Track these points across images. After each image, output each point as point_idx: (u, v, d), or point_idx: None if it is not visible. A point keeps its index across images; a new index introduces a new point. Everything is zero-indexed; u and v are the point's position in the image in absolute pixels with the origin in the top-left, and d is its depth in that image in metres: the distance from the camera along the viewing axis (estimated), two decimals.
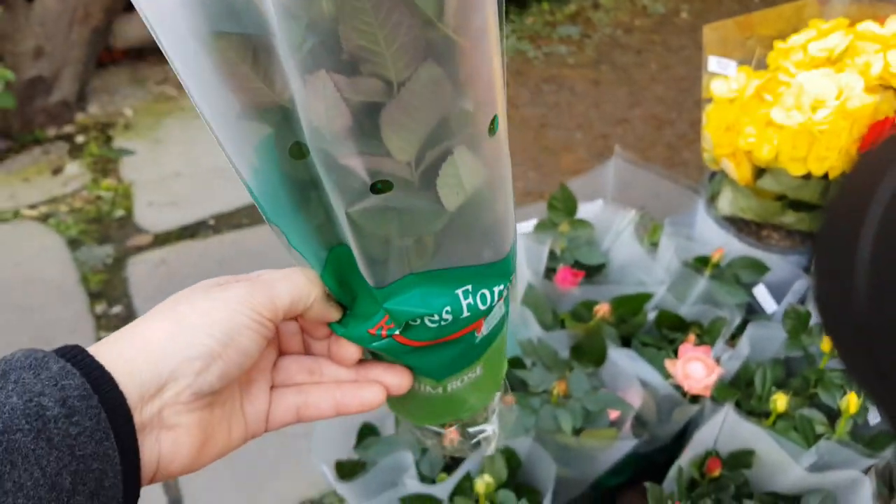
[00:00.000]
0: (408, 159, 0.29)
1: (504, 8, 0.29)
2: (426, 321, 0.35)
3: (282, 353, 0.39)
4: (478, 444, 0.44)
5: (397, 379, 0.38)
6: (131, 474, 0.30)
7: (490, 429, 0.44)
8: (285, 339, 0.39)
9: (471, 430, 0.44)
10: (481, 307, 0.35)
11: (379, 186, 0.30)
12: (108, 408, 0.29)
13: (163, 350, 0.31)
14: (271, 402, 0.37)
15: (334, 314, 0.37)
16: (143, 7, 0.28)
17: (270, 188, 0.32)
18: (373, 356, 0.39)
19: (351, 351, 0.38)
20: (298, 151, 0.31)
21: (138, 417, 0.30)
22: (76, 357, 0.30)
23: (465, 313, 0.35)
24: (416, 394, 0.40)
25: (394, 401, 0.42)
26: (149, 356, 0.31)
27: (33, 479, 0.27)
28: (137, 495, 0.31)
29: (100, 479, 0.29)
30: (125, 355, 0.31)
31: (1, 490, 0.26)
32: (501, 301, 0.38)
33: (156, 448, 0.32)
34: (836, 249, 0.23)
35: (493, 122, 0.31)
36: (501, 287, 0.36)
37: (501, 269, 0.36)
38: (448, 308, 0.34)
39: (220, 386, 0.33)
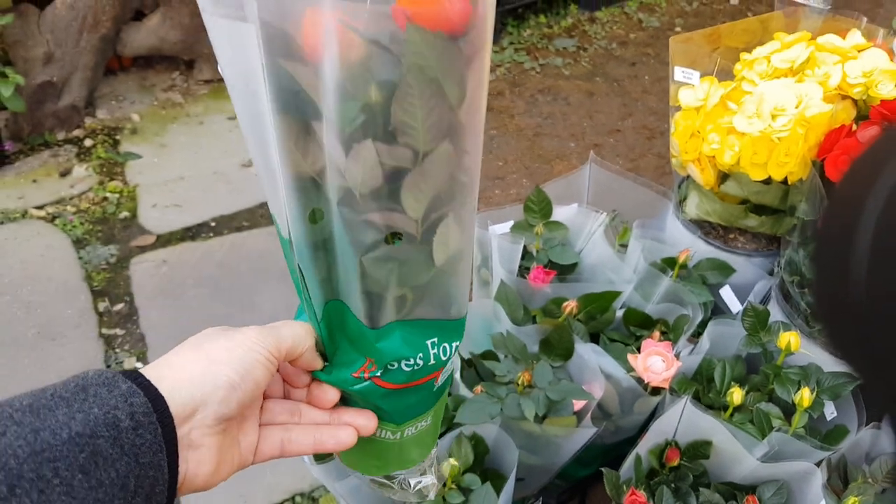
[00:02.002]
0: (417, 217, 0.38)
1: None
2: (402, 365, 0.43)
3: (266, 397, 0.46)
4: (419, 492, 0.52)
5: (365, 421, 0.46)
6: (172, 485, 0.37)
7: (429, 479, 0.53)
8: (270, 386, 0.46)
9: (411, 480, 0.52)
10: (443, 358, 0.44)
11: (391, 239, 0.38)
12: (161, 426, 0.36)
13: (197, 379, 0.38)
14: (260, 436, 0.44)
15: (319, 363, 0.45)
16: (232, 83, 0.36)
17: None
18: (344, 404, 0.47)
19: (331, 395, 0.45)
20: (313, 217, 0.39)
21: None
22: (137, 379, 0.36)
23: (432, 361, 0.44)
24: (375, 442, 0.48)
25: (351, 456, 0.50)
26: (187, 384, 0.38)
27: (110, 478, 0.33)
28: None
29: (153, 486, 0.35)
30: (170, 382, 0.37)
31: (88, 484, 0.32)
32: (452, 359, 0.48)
33: (184, 466, 0.38)
34: (836, 241, 0.23)
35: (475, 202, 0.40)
36: (457, 343, 0.45)
37: (459, 328, 0.45)
38: (421, 354, 0.43)
39: (236, 412, 0.40)
